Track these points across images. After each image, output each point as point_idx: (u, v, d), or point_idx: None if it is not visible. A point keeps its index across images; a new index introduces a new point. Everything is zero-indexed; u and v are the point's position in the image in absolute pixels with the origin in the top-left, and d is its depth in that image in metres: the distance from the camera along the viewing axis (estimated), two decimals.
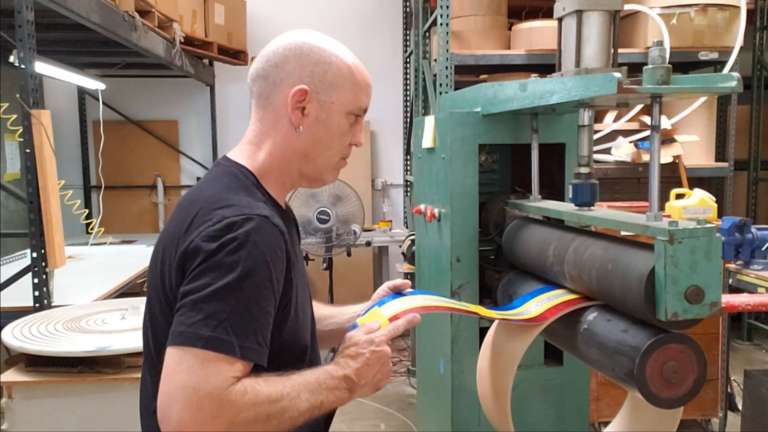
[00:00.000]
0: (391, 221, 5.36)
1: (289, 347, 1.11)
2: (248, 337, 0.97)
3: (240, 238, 0.98)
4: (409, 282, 1.39)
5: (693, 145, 3.73)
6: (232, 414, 0.94)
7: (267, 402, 0.97)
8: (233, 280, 0.96)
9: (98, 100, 4.61)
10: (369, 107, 1.20)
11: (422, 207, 2.20)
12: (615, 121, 3.70)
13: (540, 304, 1.44)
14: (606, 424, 3.18)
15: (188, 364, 0.93)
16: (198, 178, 5.41)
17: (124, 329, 2.16)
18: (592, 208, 1.48)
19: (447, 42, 3.40)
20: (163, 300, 1.05)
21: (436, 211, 2.04)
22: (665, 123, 3.55)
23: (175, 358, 0.94)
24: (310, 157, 1.16)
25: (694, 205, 2.98)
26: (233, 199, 1.04)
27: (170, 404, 0.93)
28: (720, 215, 3.24)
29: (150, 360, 1.12)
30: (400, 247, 4.12)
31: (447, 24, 3.37)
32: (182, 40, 4.07)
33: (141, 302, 2.20)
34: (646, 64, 1.23)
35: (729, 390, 3.40)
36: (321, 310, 1.40)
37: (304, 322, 1.16)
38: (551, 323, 1.39)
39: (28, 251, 2.54)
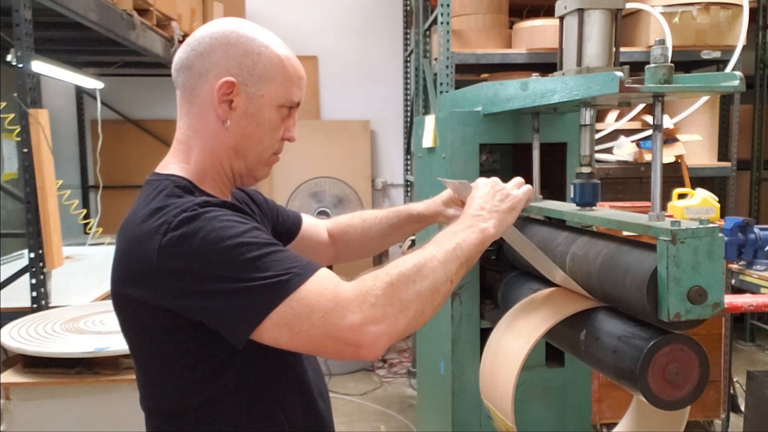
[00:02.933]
0: None
1: None
2: (294, 260, 0.96)
3: (197, 222, 0.95)
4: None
5: (695, 144, 3.72)
6: (372, 296, 0.93)
7: (392, 269, 0.97)
8: (227, 249, 0.93)
9: (96, 99, 4.59)
10: (302, 100, 1.15)
11: None
12: (617, 120, 3.69)
13: None
14: (608, 425, 3.17)
15: (295, 313, 0.92)
16: None
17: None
18: (593, 208, 1.47)
19: (447, 41, 3.39)
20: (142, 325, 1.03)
21: None
22: (667, 122, 3.53)
23: (279, 326, 0.92)
24: (240, 153, 1.10)
25: (697, 205, 2.97)
26: (168, 204, 1.00)
27: (338, 339, 0.92)
28: (723, 215, 3.23)
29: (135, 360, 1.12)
30: (401, 246, 4.11)
31: (447, 23, 3.36)
32: (181, 39, 4.06)
33: None
34: (648, 63, 1.21)
35: (731, 391, 3.38)
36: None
37: None
38: (554, 325, 1.37)
39: (26, 251, 2.53)
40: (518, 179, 1.27)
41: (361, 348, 0.93)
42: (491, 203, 1.20)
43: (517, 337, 1.46)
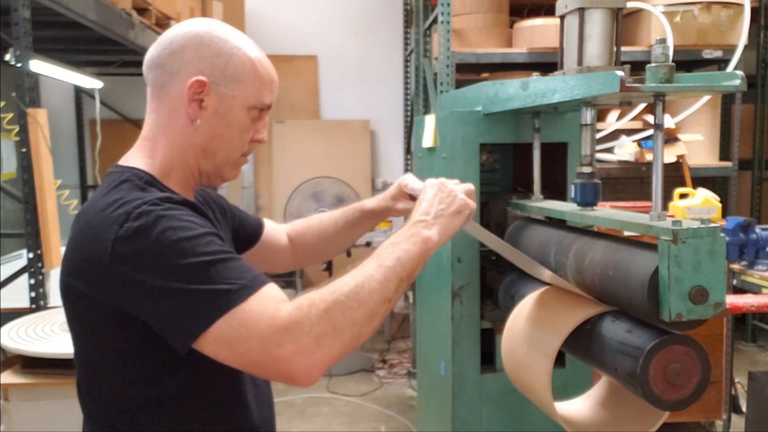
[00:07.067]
0: (391, 221, 5.33)
1: None
2: (245, 271, 0.95)
3: (156, 217, 0.94)
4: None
5: (697, 144, 3.71)
6: (308, 324, 0.91)
7: (329, 294, 0.95)
8: (182, 252, 0.92)
9: (95, 98, 4.58)
10: (273, 103, 1.14)
11: None
12: (618, 120, 3.68)
13: None
14: None
15: (235, 334, 0.90)
16: None
17: None
18: (594, 208, 1.46)
19: (448, 40, 3.38)
20: (89, 318, 1.01)
21: None
22: (668, 122, 3.52)
23: (219, 343, 0.91)
24: (208, 152, 1.10)
25: (698, 205, 2.97)
26: (130, 196, 0.99)
27: (272, 368, 0.92)
28: (724, 215, 3.21)
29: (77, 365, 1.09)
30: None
31: (448, 22, 3.35)
32: None
33: None
34: (649, 62, 1.21)
35: (733, 392, 3.37)
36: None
37: None
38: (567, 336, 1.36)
39: (25, 251, 2.53)
40: (470, 186, 1.24)
41: (294, 378, 0.92)
42: (436, 207, 1.16)
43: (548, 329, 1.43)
